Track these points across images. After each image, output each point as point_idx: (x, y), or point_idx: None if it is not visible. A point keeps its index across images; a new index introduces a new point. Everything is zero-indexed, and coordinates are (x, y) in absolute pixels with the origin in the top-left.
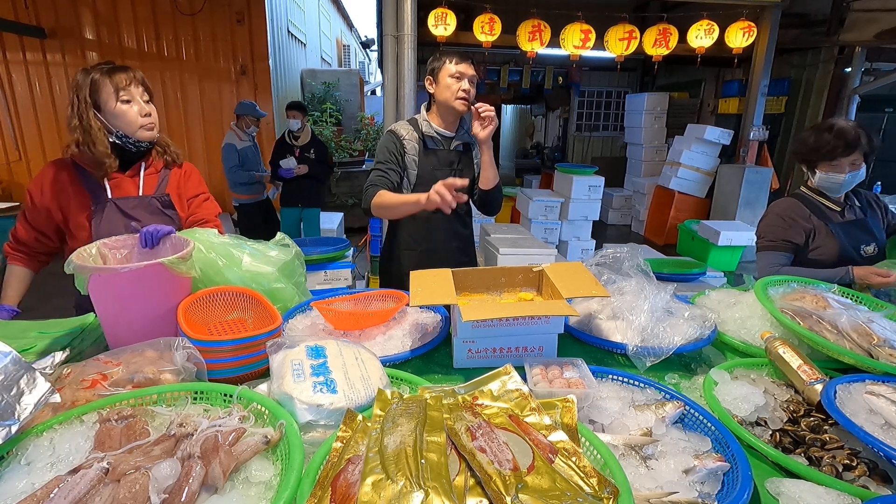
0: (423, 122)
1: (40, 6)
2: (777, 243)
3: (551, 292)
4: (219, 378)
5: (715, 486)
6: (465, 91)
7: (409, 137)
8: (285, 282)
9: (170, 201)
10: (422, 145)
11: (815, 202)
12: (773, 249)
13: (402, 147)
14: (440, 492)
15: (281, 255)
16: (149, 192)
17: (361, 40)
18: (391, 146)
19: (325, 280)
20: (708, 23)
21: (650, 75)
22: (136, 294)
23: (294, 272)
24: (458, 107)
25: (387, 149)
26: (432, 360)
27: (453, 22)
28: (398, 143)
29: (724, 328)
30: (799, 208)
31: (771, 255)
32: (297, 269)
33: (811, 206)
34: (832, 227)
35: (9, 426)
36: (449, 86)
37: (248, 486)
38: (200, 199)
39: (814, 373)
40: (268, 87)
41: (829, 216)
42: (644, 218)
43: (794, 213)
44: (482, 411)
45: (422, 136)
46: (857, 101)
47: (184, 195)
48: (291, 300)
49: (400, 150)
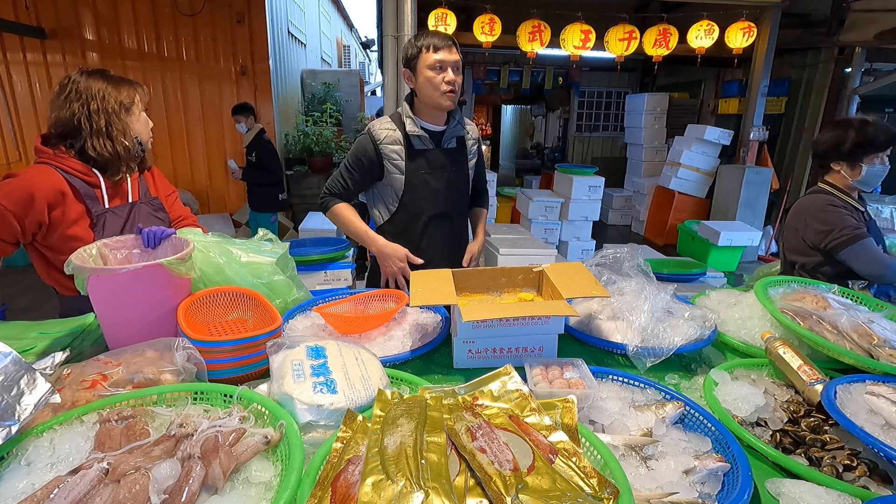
0: (407, 118)
1: (40, 7)
2: (861, 229)
3: (551, 292)
4: (219, 378)
5: (715, 486)
6: (451, 83)
7: (390, 141)
8: (283, 274)
9: (160, 204)
10: (407, 148)
11: (847, 201)
12: (865, 237)
13: (379, 155)
14: (440, 492)
15: (275, 248)
16: (136, 199)
17: (361, 41)
18: (363, 154)
19: (325, 280)
20: (708, 23)
21: (650, 75)
22: (136, 294)
23: (287, 265)
24: (445, 103)
25: (358, 156)
26: (432, 360)
27: (453, 22)
28: (373, 151)
29: (725, 328)
30: (841, 202)
31: (870, 244)
32: (290, 263)
33: (848, 205)
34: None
35: (9, 426)
36: (430, 79)
37: (248, 486)
38: (173, 197)
39: (814, 373)
40: (268, 88)
41: (859, 218)
42: (644, 218)
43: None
44: (482, 411)
45: (406, 136)
46: (857, 101)
47: (162, 195)
48: (289, 293)
49: (374, 159)
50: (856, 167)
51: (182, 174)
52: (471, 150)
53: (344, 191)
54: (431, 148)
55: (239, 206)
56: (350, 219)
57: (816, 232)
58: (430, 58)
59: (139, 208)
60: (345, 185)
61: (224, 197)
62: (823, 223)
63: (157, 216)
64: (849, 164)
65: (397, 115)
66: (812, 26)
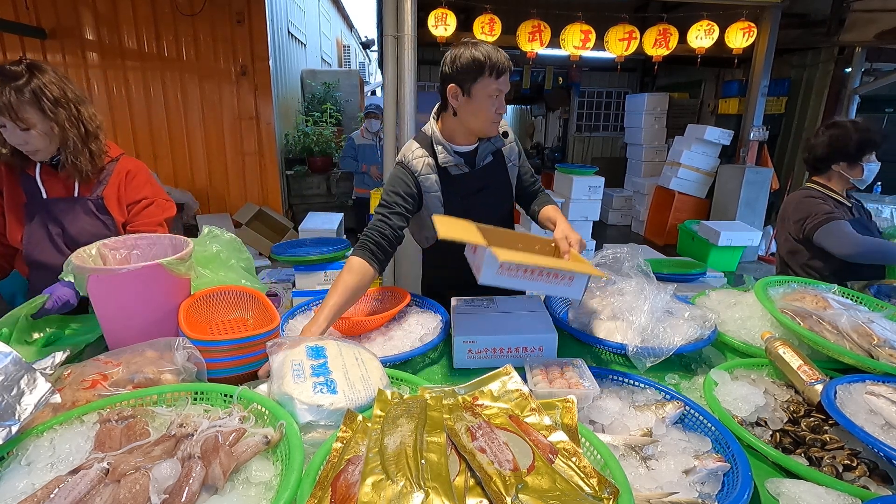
0: (439, 146)
1: (40, 7)
2: (837, 213)
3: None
4: (217, 377)
5: (715, 486)
6: (501, 115)
7: (427, 171)
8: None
9: (104, 205)
10: (441, 175)
11: (830, 196)
12: (839, 219)
13: (419, 187)
14: (440, 492)
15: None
16: (85, 194)
17: (361, 41)
18: (406, 190)
19: (326, 280)
20: (708, 23)
21: (650, 75)
22: (136, 295)
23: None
24: (492, 132)
25: (399, 192)
26: (432, 360)
27: (453, 22)
28: (413, 184)
29: (725, 328)
30: (821, 194)
31: (844, 225)
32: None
33: (829, 198)
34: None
35: (9, 426)
36: (486, 108)
37: (248, 486)
38: (142, 204)
39: (814, 373)
40: (268, 88)
41: (844, 212)
42: (644, 218)
43: (822, 196)
44: (482, 411)
45: (438, 164)
46: (857, 101)
47: (124, 199)
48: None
49: (415, 192)
50: (856, 166)
51: (182, 174)
52: (509, 158)
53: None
54: (467, 172)
55: (239, 206)
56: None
57: (794, 222)
58: (492, 84)
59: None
60: (389, 226)
61: (224, 197)
62: (801, 212)
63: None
64: (850, 165)
65: (426, 138)
66: (812, 26)
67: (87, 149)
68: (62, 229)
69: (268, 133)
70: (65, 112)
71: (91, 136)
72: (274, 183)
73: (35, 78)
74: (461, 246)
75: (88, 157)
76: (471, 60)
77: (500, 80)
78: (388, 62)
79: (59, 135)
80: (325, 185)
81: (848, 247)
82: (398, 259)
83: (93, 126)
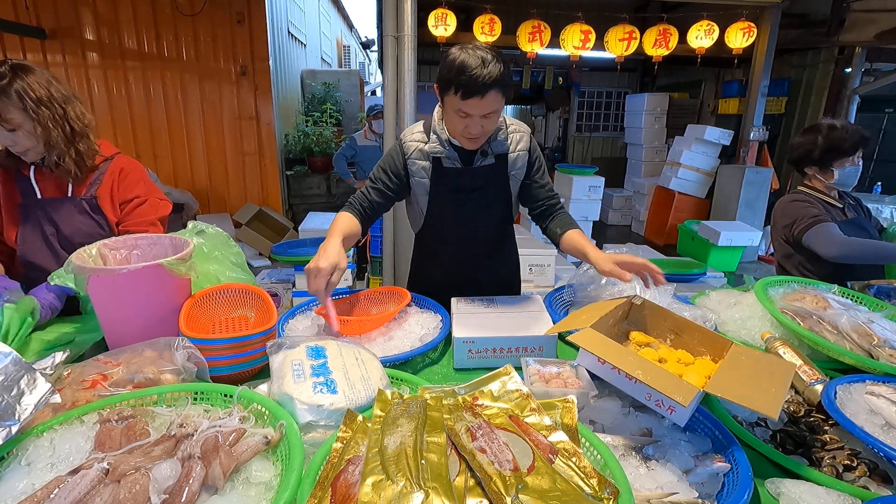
0: (433, 133)
1: (40, 7)
2: (823, 216)
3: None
4: (215, 375)
5: (715, 486)
6: (472, 136)
7: (418, 156)
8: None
9: (97, 204)
10: (434, 164)
11: (820, 199)
12: (825, 221)
13: (407, 170)
14: (440, 492)
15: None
16: (79, 193)
17: (361, 41)
18: (391, 164)
19: None
20: (708, 23)
21: (650, 76)
22: (136, 294)
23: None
24: (466, 145)
25: (384, 167)
26: (432, 360)
27: (453, 22)
28: (401, 165)
29: (725, 328)
30: (809, 198)
31: (830, 227)
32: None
33: (819, 201)
34: (840, 224)
35: (9, 426)
36: (454, 119)
37: (248, 486)
38: (135, 203)
39: (814, 373)
40: (268, 88)
41: (835, 214)
42: (644, 218)
43: (809, 199)
44: (482, 412)
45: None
46: (857, 101)
47: (117, 198)
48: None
49: (401, 173)
50: (827, 171)
51: (182, 174)
52: (513, 167)
53: (366, 205)
54: (460, 167)
55: (239, 206)
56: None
57: (783, 227)
58: (456, 104)
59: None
60: (367, 198)
61: (224, 197)
62: (788, 216)
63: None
64: (820, 169)
65: (430, 123)
66: (812, 26)
67: (73, 148)
68: (56, 229)
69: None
70: (48, 112)
71: (78, 136)
72: (274, 183)
73: (19, 78)
74: (450, 234)
75: (74, 157)
76: (447, 69)
77: (466, 102)
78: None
79: (41, 135)
80: (325, 186)
81: (834, 248)
82: (398, 259)
83: (80, 125)
